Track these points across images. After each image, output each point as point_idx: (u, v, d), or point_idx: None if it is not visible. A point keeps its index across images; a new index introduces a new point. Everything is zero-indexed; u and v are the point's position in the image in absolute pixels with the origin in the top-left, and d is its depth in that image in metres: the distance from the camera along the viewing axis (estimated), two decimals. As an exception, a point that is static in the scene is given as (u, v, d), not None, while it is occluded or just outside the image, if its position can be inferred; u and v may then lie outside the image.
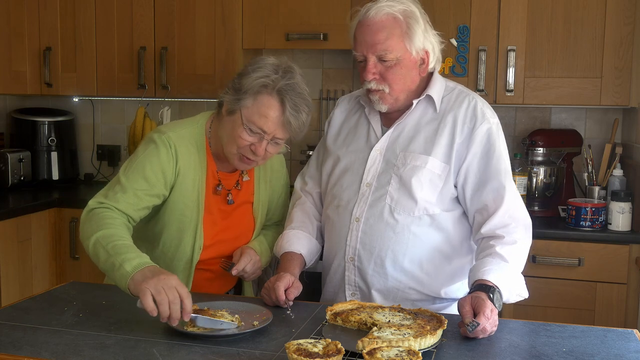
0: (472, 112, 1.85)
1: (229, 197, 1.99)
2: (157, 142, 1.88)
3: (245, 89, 1.81)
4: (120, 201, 1.80)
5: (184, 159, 1.90)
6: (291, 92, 1.80)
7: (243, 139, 1.83)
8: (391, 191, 1.85)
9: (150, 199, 1.86)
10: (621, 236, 2.75)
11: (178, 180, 1.89)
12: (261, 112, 1.80)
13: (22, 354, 1.43)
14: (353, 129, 1.99)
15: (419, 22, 1.82)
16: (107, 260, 1.64)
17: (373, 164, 1.89)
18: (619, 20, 2.84)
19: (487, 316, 1.55)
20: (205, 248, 1.95)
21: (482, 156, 1.83)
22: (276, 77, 1.80)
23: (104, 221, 1.74)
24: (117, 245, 1.66)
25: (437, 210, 1.84)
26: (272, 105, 1.80)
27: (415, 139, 1.87)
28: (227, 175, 1.99)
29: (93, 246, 1.69)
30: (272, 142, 1.86)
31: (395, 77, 1.83)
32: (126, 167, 1.87)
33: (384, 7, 1.81)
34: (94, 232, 1.70)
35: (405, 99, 1.88)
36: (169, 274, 1.57)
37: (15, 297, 2.99)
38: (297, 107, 1.81)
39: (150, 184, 1.85)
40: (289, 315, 1.70)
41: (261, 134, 1.82)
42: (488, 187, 1.82)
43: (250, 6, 3.25)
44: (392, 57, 1.81)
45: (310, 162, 2.12)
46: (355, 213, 1.88)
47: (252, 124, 1.81)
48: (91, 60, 3.47)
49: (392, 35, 1.80)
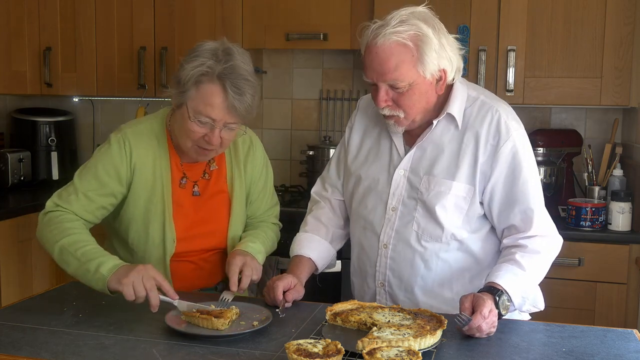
0: (495, 127, 1.77)
1: (195, 189, 1.97)
2: (112, 141, 1.91)
3: (186, 81, 1.79)
4: (73, 204, 1.85)
5: (141, 154, 1.90)
6: (231, 75, 1.77)
7: (194, 132, 1.81)
8: (417, 217, 1.81)
9: (104, 198, 1.88)
10: (621, 236, 2.75)
11: (135, 175, 1.89)
12: (206, 102, 1.77)
13: (22, 354, 1.44)
14: (375, 145, 1.92)
15: (432, 42, 1.69)
16: (80, 266, 1.72)
17: (397, 187, 1.84)
18: (619, 20, 2.84)
19: (483, 315, 1.54)
20: (180, 241, 1.93)
21: (507, 176, 1.76)
22: (213, 63, 1.77)
23: (64, 226, 1.80)
24: (87, 252, 1.73)
25: (464, 235, 1.80)
26: (214, 93, 1.77)
27: (438, 161, 1.80)
28: (192, 166, 1.98)
29: (59, 253, 1.76)
30: (225, 129, 1.82)
31: (409, 102, 1.74)
32: (81, 169, 1.91)
33: (391, 34, 1.68)
34: (58, 240, 1.77)
35: (422, 119, 1.80)
36: (144, 265, 1.67)
37: (15, 297, 2.98)
38: (239, 89, 1.77)
39: (102, 183, 1.87)
40: (277, 313, 1.68)
41: (211, 122, 1.79)
42: (516, 209, 1.76)
43: (250, 6, 3.25)
44: (404, 84, 1.71)
45: (330, 168, 2.05)
46: (383, 239, 1.85)
47: (199, 114, 1.79)
48: (91, 60, 3.48)
49: (402, 64, 1.69)
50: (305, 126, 3.62)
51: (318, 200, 2.05)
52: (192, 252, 1.97)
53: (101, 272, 1.67)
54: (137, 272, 1.64)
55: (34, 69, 3.53)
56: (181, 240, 1.94)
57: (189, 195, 1.97)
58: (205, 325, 1.57)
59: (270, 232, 2.09)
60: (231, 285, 1.80)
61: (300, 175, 3.50)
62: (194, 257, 1.98)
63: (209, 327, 1.56)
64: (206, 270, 2.02)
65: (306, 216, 2.03)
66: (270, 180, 2.13)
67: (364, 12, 3.02)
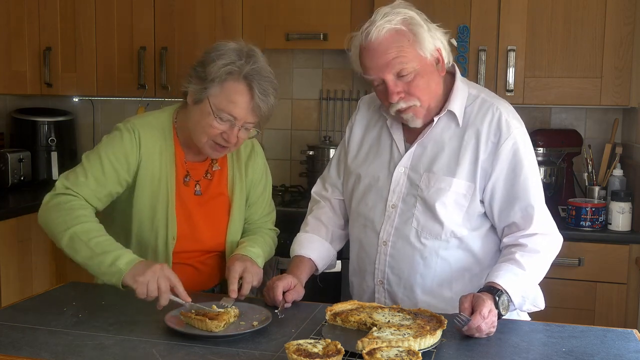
0: (496, 125, 1.78)
1: (197, 188, 1.97)
2: (121, 128, 1.90)
3: (212, 78, 1.80)
4: (82, 188, 1.82)
5: (148, 145, 1.90)
6: (257, 76, 1.80)
7: (214, 128, 1.82)
8: (417, 214, 1.81)
9: (113, 185, 1.87)
10: (621, 236, 2.75)
11: (142, 166, 1.89)
12: (230, 99, 1.79)
13: (22, 354, 1.43)
14: (376, 143, 1.93)
15: (422, 24, 1.74)
16: (93, 257, 1.69)
17: (397, 184, 1.84)
18: (619, 20, 2.84)
19: (483, 315, 1.54)
20: (179, 239, 1.93)
21: (508, 174, 1.77)
22: (241, 63, 1.79)
23: (76, 213, 1.76)
24: (101, 242, 1.71)
25: (464, 232, 1.80)
26: (240, 92, 1.79)
27: (439, 158, 1.81)
28: (195, 165, 1.98)
29: (70, 240, 1.72)
30: (243, 128, 1.84)
31: (419, 88, 1.75)
32: (89, 154, 1.89)
33: (384, 24, 1.71)
34: (69, 226, 1.73)
35: (436, 106, 1.81)
36: (161, 265, 1.66)
37: (15, 297, 2.98)
38: (265, 91, 1.80)
39: (113, 168, 1.85)
40: (276, 314, 1.68)
41: (232, 121, 1.81)
42: (516, 206, 1.77)
43: (250, 6, 3.25)
44: (410, 69, 1.71)
45: (331, 167, 2.06)
46: (382, 236, 1.85)
47: (222, 112, 1.80)
48: (91, 60, 3.48)
49: (402, 48, 1.71)
50: (305, 126, 3.62)
51: (318, 200, 2.05)
52: (190, 252, 1.96)
53: (118, 265, 1.65)
54: (153, 271, 1.63)
55: (34, 69, 3.53)
56: (180, 238, 1.93)
57: (191, 194, 1.97)
58: (199, 326, 1.56)
59: (268, 238, 2.08)
60: (231, 292, 1.78)
61: (300, 175, 3.50)
62: (192, 259, 1.98)
63: (203, 329, 1.55)
64: (204, 273, 2.02)
65: (307, 216, 2.03)
66: (269, 187, 2.14)
67: (364, 12, 3.01)
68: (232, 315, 1.63)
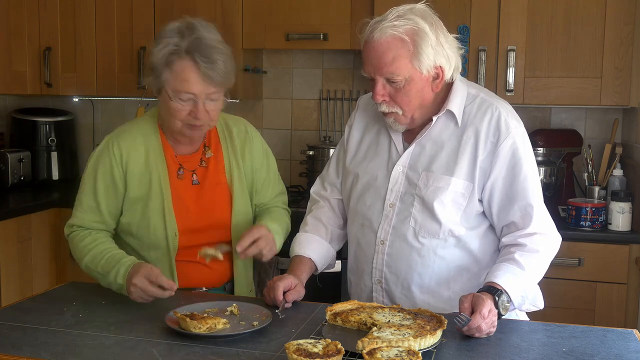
0: (495, 125, 1.77)
1: (194, 178, 1.98)
2: (101, 146, 1.97)
3: (158, 64, 1.83)
4: (84, 220, 1.94)
5: (130, 151, 1.94)
6: (198, 47, 1.81)
7: (180, 110, 1.84)
8: (415, 214, 1.81)
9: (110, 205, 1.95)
10: (621, 236, 2.75)
11: (128, 173, 1.93)
12: (181, 78, 1.81)
13: (22, 354, 1.44)
14: (374, 142, 1.92)
15: (428, 38, 1.70)
16: (104, 280, 1.86)
17: (395, 184, 1.84)
18: (619, 20, 2.84)
19: (483, 315, 1.54)
20: (182, 234, 1.93)
21: (507, 173, 1.76)
22: (178, 40, 1.82)
23: (81, 245, 1.92)
24: (104, 265, 1.85)
25: (462, 231, 1.80)
26: (187, 68, 1.81)
27: (437, 157, 1.80)
28: (187, 158, 1.99)
29: (88, 271, 1.91)
30: (208, 101, 1.85)
31: (406, 98, 1.75)
32: (81, 184, 1.98)
33: (388, 27, 1.69)
34: (81, 260, 1.91)
35: (421, 116, 1.80)
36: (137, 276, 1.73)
37: (15, 297, 2.99)
38: (209, 58, 1.81)
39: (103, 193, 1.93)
40: (277, 314, 1.68)
41: (192, 98, 1.83)
42: (515, 206, 1.76)
43: (250, 6, 3.25)
44: (401, 78, 1.71)
45: (330, 167, 2.05)
46: (380, 235, 1.85)
47: (179, 93, 1.82)
48: (91, 60, 3.47)
49: (398, 57, 1.70)
50: (305, 126, 3.62)
51: (317, 200, 2.05)
52: (196, 247, 1.94)
53: (119, 282, 1.79)
54: (133, 285, 1.73)
55: (34, 69, 3.53)
56: (183, 233, 1.93)
57: (189, 185, 1.98)
58: (183, 326, 1.56)
59: (284, 215, 2.10)
60: (238, 245, 1.83)
61: (300, 175, 3.50)
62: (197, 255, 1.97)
63: (185, 329, 1.55)
64: (214, 269, 2.01)
65: (306, 216, 2.03)
66: (272, 168, 2.14)
67: (364, 12, 3.01)
68: (221, 323, 1.59)
